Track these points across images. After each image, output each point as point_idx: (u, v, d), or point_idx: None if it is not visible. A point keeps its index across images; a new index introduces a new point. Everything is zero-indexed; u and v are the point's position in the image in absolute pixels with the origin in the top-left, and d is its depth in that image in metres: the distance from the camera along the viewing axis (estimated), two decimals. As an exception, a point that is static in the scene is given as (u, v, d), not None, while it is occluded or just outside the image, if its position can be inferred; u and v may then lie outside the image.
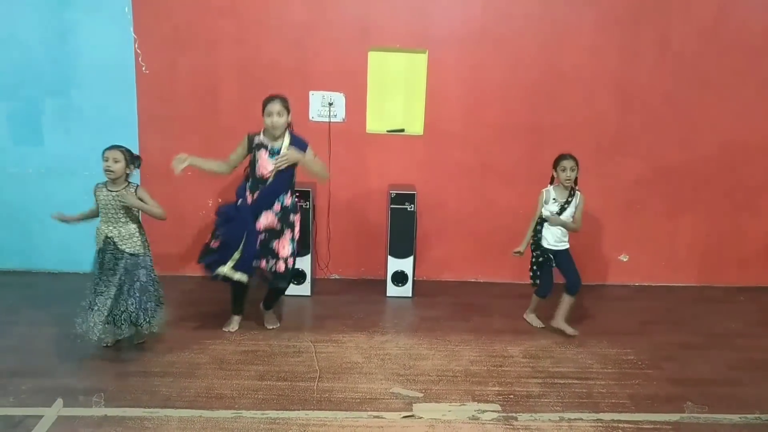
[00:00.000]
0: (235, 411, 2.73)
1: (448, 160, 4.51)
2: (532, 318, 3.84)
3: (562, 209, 3.56)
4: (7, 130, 4.37)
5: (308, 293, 4.21)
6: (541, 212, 3.62)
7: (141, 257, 3.17)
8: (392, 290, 4.27)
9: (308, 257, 4.16)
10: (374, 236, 4.55)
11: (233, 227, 3.29)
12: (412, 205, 4.14)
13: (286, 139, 3.35)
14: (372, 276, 4.62)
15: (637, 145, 4.51)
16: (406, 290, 4.27)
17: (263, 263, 3.36)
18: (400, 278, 4.25)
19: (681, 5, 4.33)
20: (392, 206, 4.14)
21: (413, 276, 4.29)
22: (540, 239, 3.62)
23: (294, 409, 2.75)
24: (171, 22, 4.24)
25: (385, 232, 4.38)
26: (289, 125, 3.38)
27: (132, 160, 3.19)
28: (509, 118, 4.46)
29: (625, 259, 4.71)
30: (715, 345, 3.62)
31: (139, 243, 3.17)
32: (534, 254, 3.68)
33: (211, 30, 4.26)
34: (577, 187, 3.60)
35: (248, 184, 3.39)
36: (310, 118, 4.41)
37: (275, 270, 3.36)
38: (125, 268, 3.12)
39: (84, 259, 4.51)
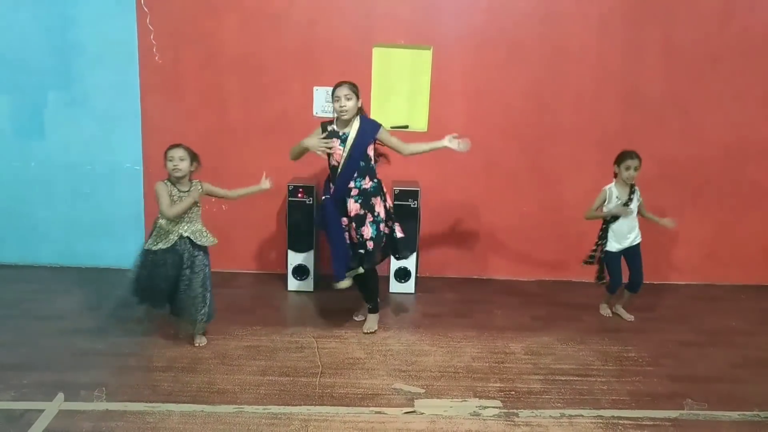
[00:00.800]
0: (236, 406, 2.74)
1: (452, 156, 4.46)
2: (603, 308, 4.01)
3: (625, 206, 3.65)
4: (8, 123, 4.37)
5: (311, 289, 4.22)
6: (604, 211, 3.69)
7: (207, 250, 3.26)
8: (395, 286, 4.28)
9: (311, 253, 4.16)
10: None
11: (329, 230, 3.39)
12: (416, 202, 4.14)
13: (356, 123, 3.34)
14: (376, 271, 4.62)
15: (640, 143, 4.47)
16: (409, 286, 4.27)
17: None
18: (402, 274, 4.25)
19: (685, 5, 4.32)
20: (396, 202, 4.13)
21: (416, 272, 4.29)
22: (606, 243, 3.73)
23: (296, 405, 2.76)
24: (175, 16, 4.23)
25: (387, 228, 4.38)
26: (360, 110, 3.38)
27: (194, 157, 3.16)
28: (513, 116, 4.45)
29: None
30: (715, 343, 3.63)
31: (209, 236, 3.22)
32: (598, 254, 3.77)
33: (216, 24, 4.25)
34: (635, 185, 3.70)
35: (330, 177, 3.44)
36: (315, 113, 4.40)
37: (363, 254, 3.40)
38: (204, 263, 3.19)
39: (85, 253, 4.56)
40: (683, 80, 4.42)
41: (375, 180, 3.42)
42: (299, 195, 4.07)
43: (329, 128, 3.39)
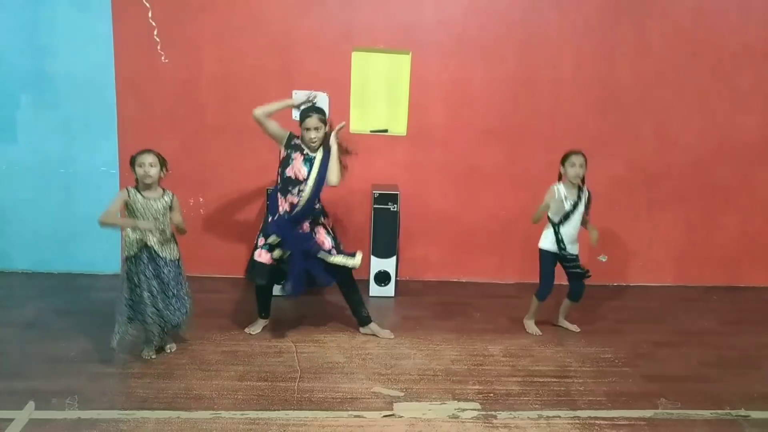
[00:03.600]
0: (213, 411, 2.70)
1: (431, 160, 4.53)
2: (530, 325, 3.74)
3: (574, 207, 3.48)
4: (-21, 126, 4.26)
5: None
6: (551, 213, 3.49)
7: (179, 261, 3.17)
8: (375, 290, 4.28)
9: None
10: (357, 236, 4.54)
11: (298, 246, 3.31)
12: (395, 205, 4.15)
13: (320, 154, 3.33)
14: (354, 276, 4.60)
15: (616, 146, 4.59)
16: (389, 290, 4.27)
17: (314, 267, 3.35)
18: (382, 278, 4.26)
19: (658, 10, 4.42)
20: (375, 206, 4.14)
21: (396, 276, 4.30)
22: (560, 241, 3.50)
23: (274, 410, 2.74)
24: (154, 16, 4.16)
25: (368, 231, 4.38)
26: (326, 135, 3.35)
27: (164, 162, 3.08)
28: (491, 120, 4.50)
29: (604, 260, 4.78)
30: (688, 343, 3.70)
31: (177, 249, 3.15)
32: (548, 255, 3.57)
33: (193, 28, 4.22)
34: (585, 186, 3.53)
35: (279, 188, 3.38)
36: (294, 117, 4.38)
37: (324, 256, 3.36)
38: (171, 275, 3.08)
39: (57, 260, 4.46)
40: (658, 84, 4.52)
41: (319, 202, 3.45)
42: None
43: (294, 142, 3.36)
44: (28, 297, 3.97)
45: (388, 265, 4.22)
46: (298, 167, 3.31)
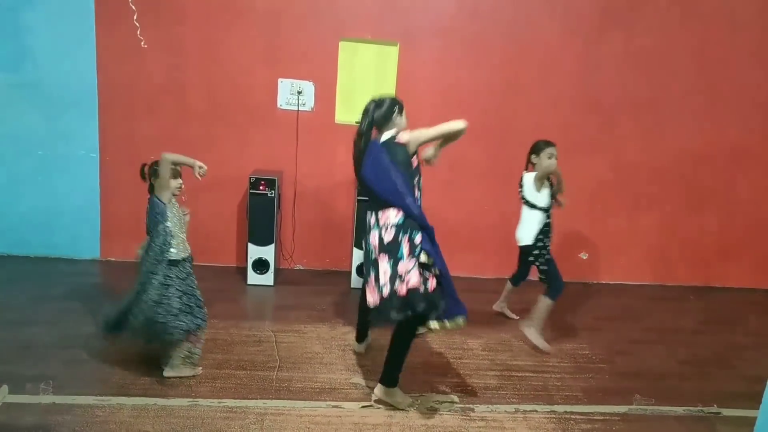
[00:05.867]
0: (191, 399, 2.68)
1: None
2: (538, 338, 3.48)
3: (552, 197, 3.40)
4: (-44, 105, 4.16)
5: (271, 283, 4.17)
6: (535, 199, 3.36)
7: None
8: (357, 282, 4.27)
9: (272, 247, 4.11)
10: (340, 227, 4.53)
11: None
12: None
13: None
14: (337, 267, 4.61)
15: (599, 146, 4.63)
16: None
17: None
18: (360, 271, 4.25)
19: (644, 12, 4.46)
20: (359, 198, 4.13)
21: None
22: (549, 232, 3.41)
23: (252, 398, 2.73)
24: (137, 4, 4.09)
25: (352, 223, 4.37)
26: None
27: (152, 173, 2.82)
28: (477, 115, 4.48)
29: (585, 257, 4.84)
30: (665, 341, 3.76)
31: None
32: (540, 250, 3.43)
33: (177, 14, 4.15)
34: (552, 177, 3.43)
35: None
36: (279, 105, 4.35)
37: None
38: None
39: (32, 242, 4.39)
40: (641, 86, 4.56)
41: None
42: (261, 187, 4.02)
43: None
44: (4, 281, 3.90)
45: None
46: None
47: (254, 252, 4.11)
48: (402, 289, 2.55)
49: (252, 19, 4.20)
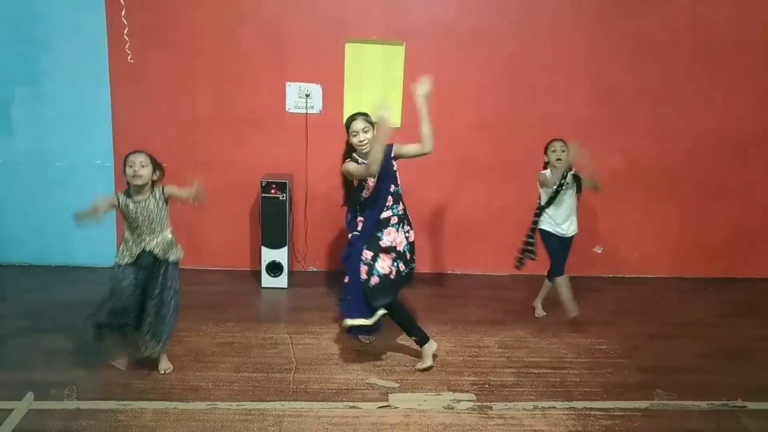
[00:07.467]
0: (210, 402, 2.71)
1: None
2: (537, 306, 3.92)
3: (557, 192, 3.58)
4: (-26, 119, 4.25)
5: (285, 285, 4.20)
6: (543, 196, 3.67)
7: (178, 263, 2.92)
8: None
9: (285, 250, 4.14)
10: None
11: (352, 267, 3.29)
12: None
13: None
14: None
15: (612, 138, 4.58)
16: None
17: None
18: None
19: (655, 2, 4.40)
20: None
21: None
22: (538, 222, 3.66)
23: (270, 400, 2.75)
24: (145, 11, 4.16)
25: (363, 224, 4.38)
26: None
27: (157, 166, 2.84)
28: (485, 112, 4.49)
29: (599, 251, 4.79)
30: (684, 334, 3.71)
31: (179, 249, 2.91)
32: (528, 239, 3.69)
33: (187, 20, 4.20)
34: (573, 170, 3.61)
35: (359, 211, 3.30)
36: (287, 109, 4.38)
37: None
38: (169, 278, 2.84)
39: (55, 252, 4.46)
40: (654, 76, 4.51)
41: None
42: (272, 191, 4.05)
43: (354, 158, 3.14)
44: (26, 290, 3.98)
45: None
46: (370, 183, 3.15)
47: (267, 255, 4.14)
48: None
49: (258, 24, 4.24)
